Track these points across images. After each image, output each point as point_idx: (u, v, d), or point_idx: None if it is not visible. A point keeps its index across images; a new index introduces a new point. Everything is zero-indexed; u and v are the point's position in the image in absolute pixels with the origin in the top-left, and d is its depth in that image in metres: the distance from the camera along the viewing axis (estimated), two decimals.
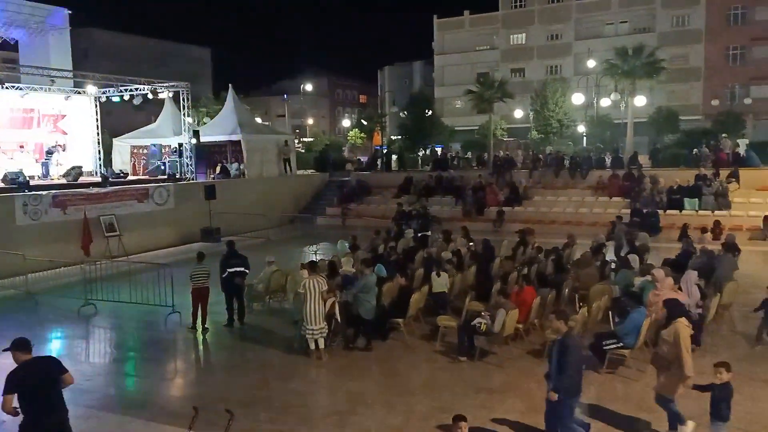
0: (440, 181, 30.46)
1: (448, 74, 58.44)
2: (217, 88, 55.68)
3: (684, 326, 7.54)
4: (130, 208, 22.52)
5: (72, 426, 7.34)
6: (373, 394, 9.45)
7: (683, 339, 7.37)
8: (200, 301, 12.55)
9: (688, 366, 7.34)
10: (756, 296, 13.29)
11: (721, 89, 46.49)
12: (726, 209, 23.40)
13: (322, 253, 20.65)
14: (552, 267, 14.26)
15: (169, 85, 27.66)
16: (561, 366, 7.09)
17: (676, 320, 7.63)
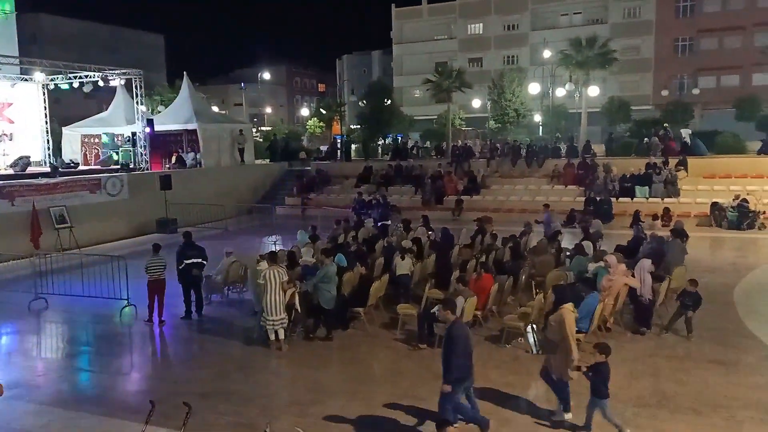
0: (399, 170, 30.56)
1: (406, 63, 58.53)
2: (171, 76, 54.53)
3: (569, 312, 7.88)
4: (81, 199, 21.89)
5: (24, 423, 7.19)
6: (334, 383, 9.48)
7: (568, 324, 7.71)
8: (156, 293, 12.34)
9: (573, 350, 7.66)
10: (704, 280, 13.80)
11: (671, 80, 47.89)
12: (675, 197, 24.18)
13: (281, 244, 20.52)
14: (509, 254, 14.51)
15: (120, 72, 26.93)
16: (447, 354, 7.27)
17: (562, 306, 7.97)
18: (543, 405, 8.54)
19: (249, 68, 76.25)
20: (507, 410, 8.31)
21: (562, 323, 7.77)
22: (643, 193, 24.63)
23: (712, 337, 10.87)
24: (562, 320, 7.79)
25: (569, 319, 7.79)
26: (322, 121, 57.33)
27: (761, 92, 37.54)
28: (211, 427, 7.85)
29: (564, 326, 7.71)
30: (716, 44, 47.52)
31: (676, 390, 8.78)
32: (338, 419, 8.15)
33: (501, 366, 9.92)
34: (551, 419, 7.96)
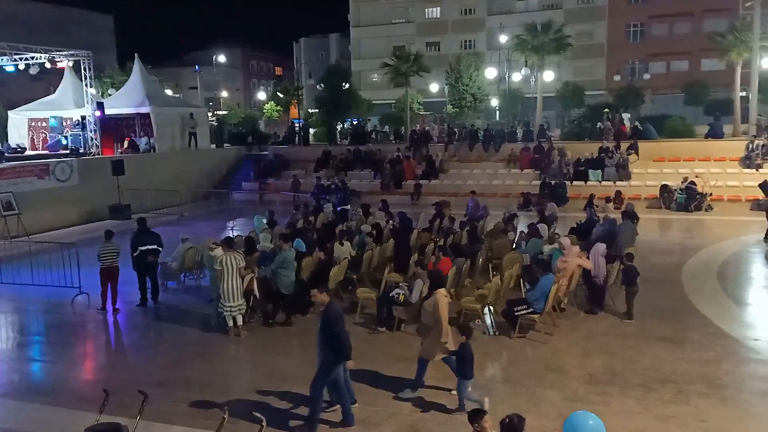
0: (358, 155, 30.49)
1: (364, 47, 58.13)
2: (122, 58, 52.71)
3: (443, 296, 8.12)
4: (29, 185, 21.17)
5: None
6: (293, 369, 9.47)
7: (441, 308, 7.94)
8: (110, 280, 12.07)
9: (444, 332, 7.96)
10: (653, 261, 14.33)
11: (623, 65, 48.91)
12: (626, 180, 24.84)
13: (238, 229, 20.29)
14: (467, 238, 14.69)
15: (68, 53, 26.02)
16: (332, 334, 7.36)
17: (436, 291, 8.18)
18: (498, 385, 8.73)
19: (203, 51, 74.34)
20: None
21: (436, 307, 7.96)
22: (596, 177, 25.22)
23: (661, 316, 11.26)
24: (436, 304, 7.98)
25: (443, 303, 7.99)
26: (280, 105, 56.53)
27: (709, 77, 38.71)
28: (168, 414, 7.77)
29: (438, 310, 7.92)
30: (666, 30, 48.68)
31: (627, 367, 9.09)
32: (298, 404, 8.16)
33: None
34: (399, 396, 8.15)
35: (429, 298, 8.28)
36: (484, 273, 13.55)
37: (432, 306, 8.07)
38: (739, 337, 10.16)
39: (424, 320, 8.21)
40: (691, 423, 7.42)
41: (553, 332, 10.46)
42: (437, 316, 7.94)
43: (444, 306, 8.03)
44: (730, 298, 12.30)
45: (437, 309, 7.95)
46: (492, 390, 8.41)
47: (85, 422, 7.31)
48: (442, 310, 7.95)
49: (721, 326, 10.66)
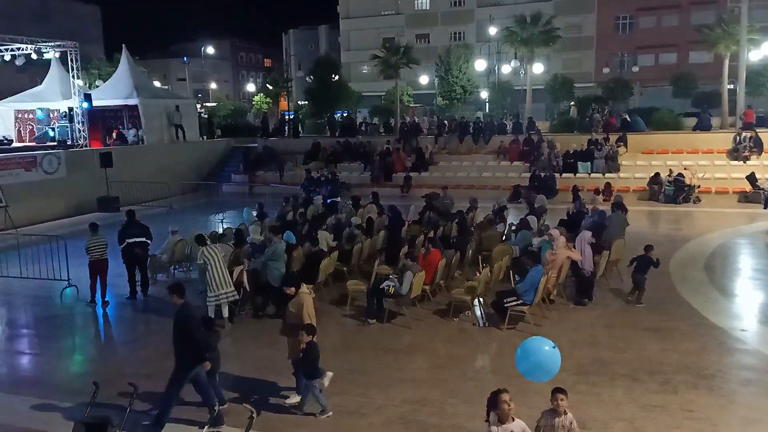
0: (348, 147, 30.42)
1: (354, 39, 57.93)
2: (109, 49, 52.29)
3: (307, 295, 8.06)
4: (16, 177, 20.98)
5: None
6: (283, 361, 9.42)
7: (306, 306, 7.87)
8: (99, 273, 12.02)
9: None
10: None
11: (611, 57, 49.05)
12: (615, 172, 24.98)
13: (228, 222, 20.22)
14: (456, 230, 14.73)
15: (54, 44, 25.73)
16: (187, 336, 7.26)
17: (299, 290, 8.05)
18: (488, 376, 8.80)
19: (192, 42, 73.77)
20: (453, 380, 8.51)
21: (300, 307, 7.86)
22: (585, 169, 25.33)
23: (649, 306, 11.36)
24: (300, 303, 7.88)
25: (308, 301, 7.94)
26: (269, 97, 56.27)
27: (697, 69, 38.91)
28: (157, 407, 7.74)
29: (303, 309, 7.83)
30: (655, 22, 48.86)
31: (615, 357, 9.17)
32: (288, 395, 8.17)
33: (448, 339, 10.13)
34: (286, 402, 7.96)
35: (294, 297, 8.02)
36: (473, 265, 13.60)
37: (296, 306, 7.91)
38: (726, 328, 10.28)
39: (290, 320, 8.00)
40: (678, 412, 7.51)
41: (542, 323, 10.53)
42: (302, 315, 7.79)
43: (309, 304, 7.94)
44: (716, 289, 12.42)
45: (302, 308, 7.83)
46: (482, 381, 8.46)
47: (75, 415, 7.31)
48: (308, 308, 7.86)
49: (708, 317, 10.77)
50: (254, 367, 9.24)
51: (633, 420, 7.36)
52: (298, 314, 7.85)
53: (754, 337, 9.93)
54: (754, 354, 9.30)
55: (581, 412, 7.48)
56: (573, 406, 7.63)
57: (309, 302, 7.97)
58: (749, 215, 20.01)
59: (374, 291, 10.99)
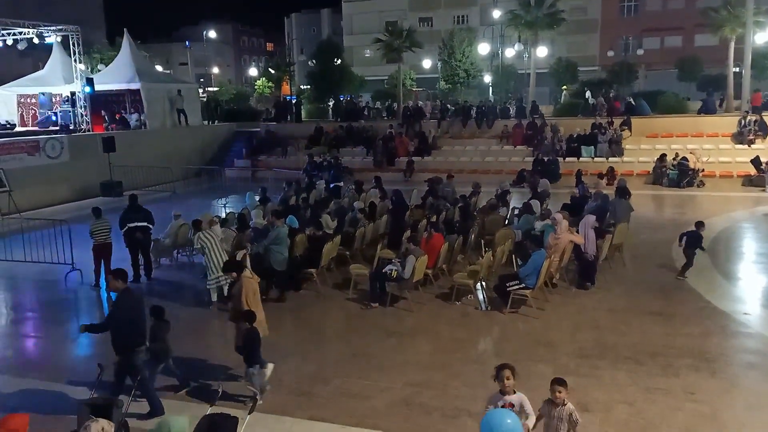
0: (351, 131, 30.33)
1: (356, 22, 57.56)
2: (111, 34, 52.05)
3: (248, 279, 8.04)
4: (19, 162, 20.99)
5: None
6: (287, 344, 9.52)
7: (246, 291, 7.85)
8: (102, 257, 12.06)
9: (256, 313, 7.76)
10: (644, 236, 14.40)
11: (616, 41, 48.67)
12: (619, 156, 24.88)
13: (231, 206, 20.24)
14: (459, 214, 14.72)
15: (56, 28, 25.62)
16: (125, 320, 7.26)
17: (241, 275, 8.03)
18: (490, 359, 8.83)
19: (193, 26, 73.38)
20: (455, 363, 8.54)
21: (240, 292, 7.87)
22: (589, 153, 25.23)
23: (651, 290, 11.37)
24: (240, 289, 7.88)
25: (248, 286, 7.91)
26: (271, 82, 56.05)
27: (702, 53, 38.60)
28: (161, 390, 7.81)
29: (242, 295, 7.82)
30: (660, 5, 48.41)
31: (617, 341, 9.19)
32: (291, 378, 8.23)
33: (451, 323, 10.15)
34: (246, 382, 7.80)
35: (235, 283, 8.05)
36: (476, 249, 13.62)
37: (237, 291, 7.92)
38: (729, 311, 10.28)
39: (235, 305, 7.96)
40: (680, 395, 7.54)
41: (545, 307, 10.55)
42: (241, 300, 7.81)
43: (249, 290, 7.89)
44: (720, 273, 12.41)
45: (241, 293, 7.83)
46: (484, 364, 8.48)
47: (80, 397, 7.37)
48: (247, 294, 7.83)
49: (711, 300, 10.77)
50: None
51: (634, 402, 7.40)
52: (238, 299, 7.84)
53: (757, 321, 9.93)
54: (757, 338, 9.30)
55: (583, 394, 7.53)
56: (575, 388, 7.68)
57: (249, 287, 7.92)
58: (753, 199, 19.93)
59: (377, 275, 11.01)
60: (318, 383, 8.09)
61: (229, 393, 7.46)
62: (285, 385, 8.05)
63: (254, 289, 8.00)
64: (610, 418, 7.09)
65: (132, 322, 7.23)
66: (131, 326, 7.21)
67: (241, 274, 8.04)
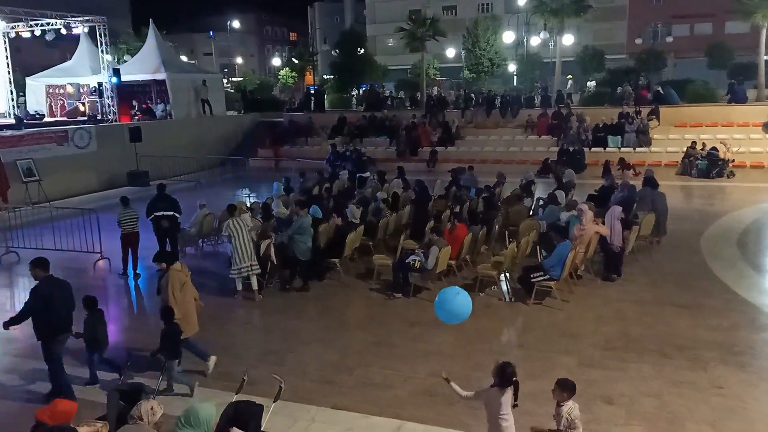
0: (374, 121, 30.29)
1: (379, 11, 57.30)
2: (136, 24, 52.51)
3: (174, 272, 7.99)
4: (48, 151, 21.36)
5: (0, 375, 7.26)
6: (310, 332, 9.61)
7: (171, 284, 7.88)
8: (130, 246, 12.25)
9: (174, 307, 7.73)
10: (671, 227, 14.16)
11: (644, 28, 47.72)
12: (647, 146, 24.48)
13: (255, 196, 20.38)
14: (483, 205, 14.63)
15: (83, 19, 25.94)
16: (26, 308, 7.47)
17: (170, 267, 8.04)
18: (514, 351, 8.80)
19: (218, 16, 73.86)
20: (478, 354, 8.53)
21: (166, 283, 7.94)
22: (616, 143, 24.86)
23: (678, 282, 11.21)
24: (167, 280, 7.94)
25: (173, 279, 7.93)
26: (295, 71, 56.17)
27: (733, 40, 37.66)
28: (187, 376, 7.92)
29: (168, 286, 7.88)
30: None
31: (643, 333, 9.08)
32: (314, 367, 8.29)
33: (474, 313, 10.03)
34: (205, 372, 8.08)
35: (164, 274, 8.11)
36: (500, 240, 13.55)
37: (165, 283, 8.00)
38: (758, 304, 10.09)
39: (162, 297, 8.06)
40: (707, 389, 7.44)
41: (569, 299, 10.46)
42: (167, 293, 7.88)
43: (174, 281, 7.91)
44: (749, 265, 12.18)
45: (167, 286, 7.92)
46: (508, 355, 8.44)
47: (108, 384, 7.52)
48: (172, 286, 7.88)
49: (740, 293, 10.58)
50: (281, 338, 9.38)
51: (661, 395, 7.31)
52: (165, 292, 7.93)
53: None
54: None
55: (608, 387, 7.47)
56: (599, 381, 7.64)
57: (176, 280, 7.94)
58: None
59: (400, 265, 11.01)
60: (341, 372, 8.14)
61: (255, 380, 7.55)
62: (308, 373, 8.12)
63: (182, 282, 8.01)
64: (635, 411, 7.02)
65: (50, 311, 7.35)
66: (49, 314, 7.34)
67: (170, 266, 8.04)
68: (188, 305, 8.06)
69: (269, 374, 7.59)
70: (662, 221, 13.37)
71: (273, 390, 6.23)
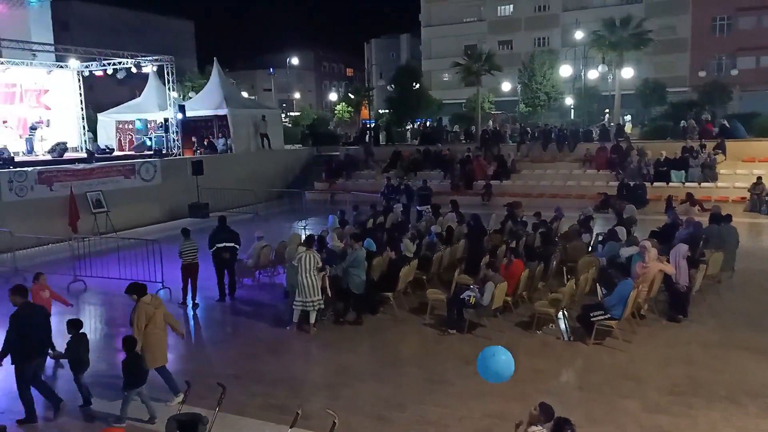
0: (428, 154, 30.38)
1: (435, 47, 57.99)
2: (201, 62, 54.95)
3: (143, 304, 8.13)
4: (116, 184, 22.31)
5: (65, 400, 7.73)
6: (363, 367, 9.55)
7: (138, 316, 8.07)
8: (190, 276, 12.55)
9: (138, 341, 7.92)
10: (739, 266, 13.52)
11: (708, 60, 46.51)
12: (713, 181, 23.62)
13: (310, 228, 20.65)
14: (540, 240, 14.36)
15: (153, 58, 27.23)
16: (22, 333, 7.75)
17: (140, 300, 8.20)
18: (573, 393, 8.50)
19: (277, 53, 76.34)
20: (535, 395, 8.25)
21: (133, 316, 8.13)
22: (680, 178, 24.09)
23: (749, 323, 10.65)
24: (133, 312, 8.15)
25: (139, 311, 8.09)
26: (351, 106, 57.25)
27: None
28: (243, 407, 7.99)
29: (134, 317, 8.08)
30: (755, 23, 45.99)
31: (711, 378, 8.63)
32: (367, 402, 8.21)
33: (530, 352, 9.85)
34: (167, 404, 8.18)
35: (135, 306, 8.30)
36: (558, 276, 13.23)
37: (132, 315, 8.17)
38: None
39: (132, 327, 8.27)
40: None
41: (632, 339, 10.06)
42: (134, 324, 8.07)
43: (140, 314, 8.06)
44: None
45: (134, 317, 8.08)
46: (566, 397, 8.17)
47: (168, 411, 7.63)
48: (138, 318, 8.05)
49: None
50: (335, 372, 9.35)
51: None
52: (133, 323, 8.14)
53: None
54: None
55: None
56: (666, 427, 7.27)
57: (143, 313, 8.10)
58: None
59: (455, 301, 10.87)
60: (394, 408, 8.03)
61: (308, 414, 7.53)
62: (362, 408, 8.04)
63: (149, 315, 8.16)
64: None
65: (26, 335, 7.76)
66: (25, 339, 7.75)
67: (140, 297, 8.22)
68: (154, 337, 8.22)
69: (323, 408, 7.56)
70: (731, 257, 12.77)
71: (327, 424, 6.18)
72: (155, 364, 8.27)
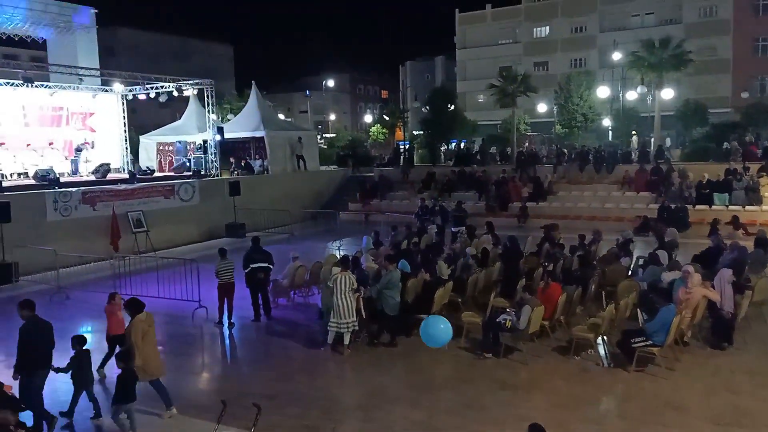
0: (463, 176, 30.28)
1: (470, 68, 58.11)
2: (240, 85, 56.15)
3: (138, 321, 8.49)
4: (156, 204, 22.80)
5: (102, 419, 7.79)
6: (397, 390, 9.46)
7: (134, 332, 8.40)
8: (226, 296, 12.68)
9: (136, 356, 8.26)
10: None
11: (751, 81, 45.49)
12: (757, 204, 22.92)
13: (345, 249, 20.69)
14: (578, 263, 14.10)
15: (193, 82, 27.91)
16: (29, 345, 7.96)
17: (133, 318, 8.55)
18: (613, 421, 8.24)
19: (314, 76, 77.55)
20: (574, 423, 8.05)
21: (130, 332, 8.46)
22: (723, 201, 23.44)
23: None
24: (130, 329, 8.47)
25: (136, 327, 8.41)
26: (385, 128, 57.56)
27: None
28: (277, 428, 7.97)
29: (131, 334, 8.40)
30: None
31: (758, 407, 8.30)
32: (401, 425, 8.12)
33: (569, 378, 9.63)
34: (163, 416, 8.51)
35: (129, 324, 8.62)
36: (596, 301, 12.94)
37: (128, 331, 8.51)
38: None
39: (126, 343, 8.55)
40: None
41: (675, 367, 9.75)
42: (129, 341, 8.37)
43: (137, 331, 8.38)
44: None
45: (130, 334, 8.40)
46: (607, 426, 7.95)
47: (203, 430, 7.67)
48: (135, 335, 8.35)
49: None
50: (369, 394, 9.29)
51: None
52: (128, 339, 8.45)
53: None
54: None
55: None
56: None
57: (138, 329, 8.41)
58: None
59: (490, 324, 10.73)
60: None
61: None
62: (397, 429, 7.94)
63: (144, 331, 8.47)
64: None
65: (32, 348, 7.97)
66: (31, 351, 7.97)
67: (137, 314, 8.52)
68: (147, 352, 8.50)
69: (357, 431, 7.52)
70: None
71: None
72: (148, 378, 8.54)
